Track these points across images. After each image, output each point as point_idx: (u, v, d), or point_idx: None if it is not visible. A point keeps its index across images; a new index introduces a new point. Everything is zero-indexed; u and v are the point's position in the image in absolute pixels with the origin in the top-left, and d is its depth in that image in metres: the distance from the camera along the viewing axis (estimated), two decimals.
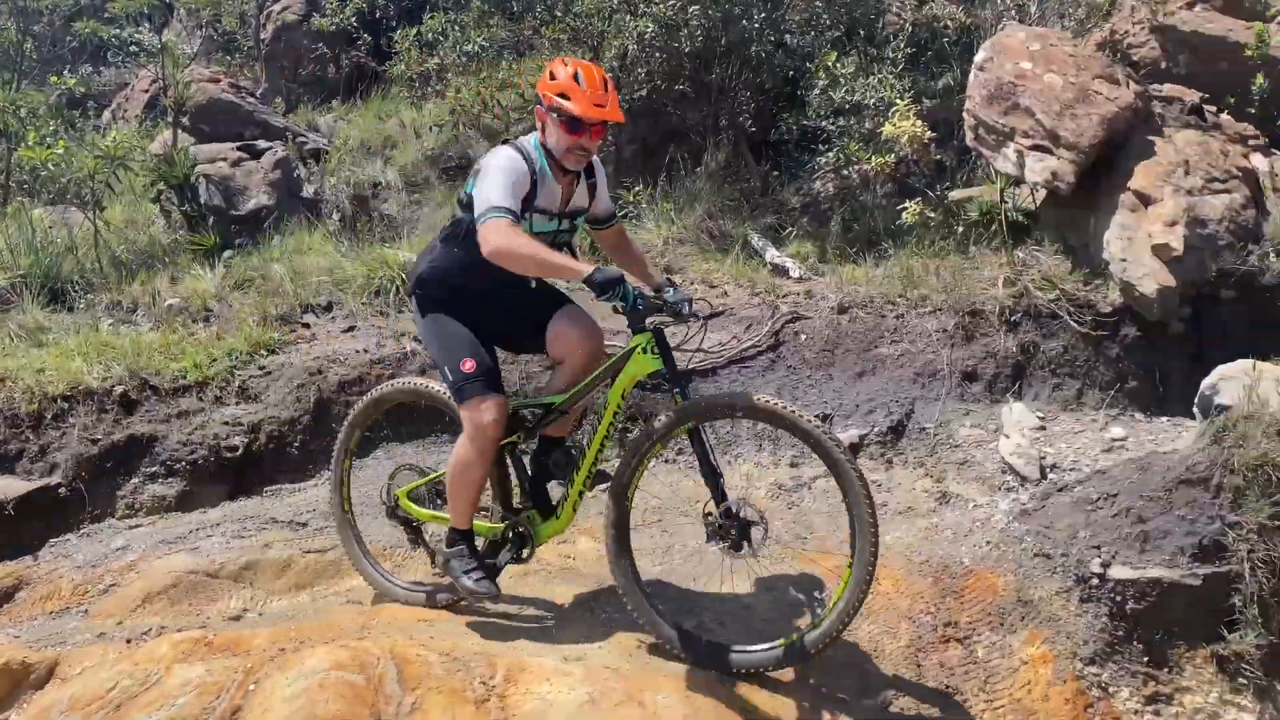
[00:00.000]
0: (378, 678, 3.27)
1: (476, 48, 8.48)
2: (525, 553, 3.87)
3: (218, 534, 4.60)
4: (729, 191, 7.24)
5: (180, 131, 8.66)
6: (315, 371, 5.31)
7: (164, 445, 5.12)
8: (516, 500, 3.90)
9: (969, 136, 6.13)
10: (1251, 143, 5.82)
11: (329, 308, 5.97)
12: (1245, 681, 3.65)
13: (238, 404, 5.25)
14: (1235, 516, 3.74)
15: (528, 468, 3.90)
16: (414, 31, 9.24)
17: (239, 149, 8.26)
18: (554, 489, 3.90)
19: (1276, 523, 3.63)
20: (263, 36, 11.50)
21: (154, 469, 5.07)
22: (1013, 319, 5.49)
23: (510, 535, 3.87)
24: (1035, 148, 5.63)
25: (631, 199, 7.29)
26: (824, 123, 7.18)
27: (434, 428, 5.25)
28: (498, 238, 3.31)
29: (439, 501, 4.00)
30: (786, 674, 3.53)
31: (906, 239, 6.34)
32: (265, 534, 4.57)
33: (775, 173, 7.57)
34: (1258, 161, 5.69)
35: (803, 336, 5.69)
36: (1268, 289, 5.20)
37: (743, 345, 5.64)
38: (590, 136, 3.51)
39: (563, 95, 3.44)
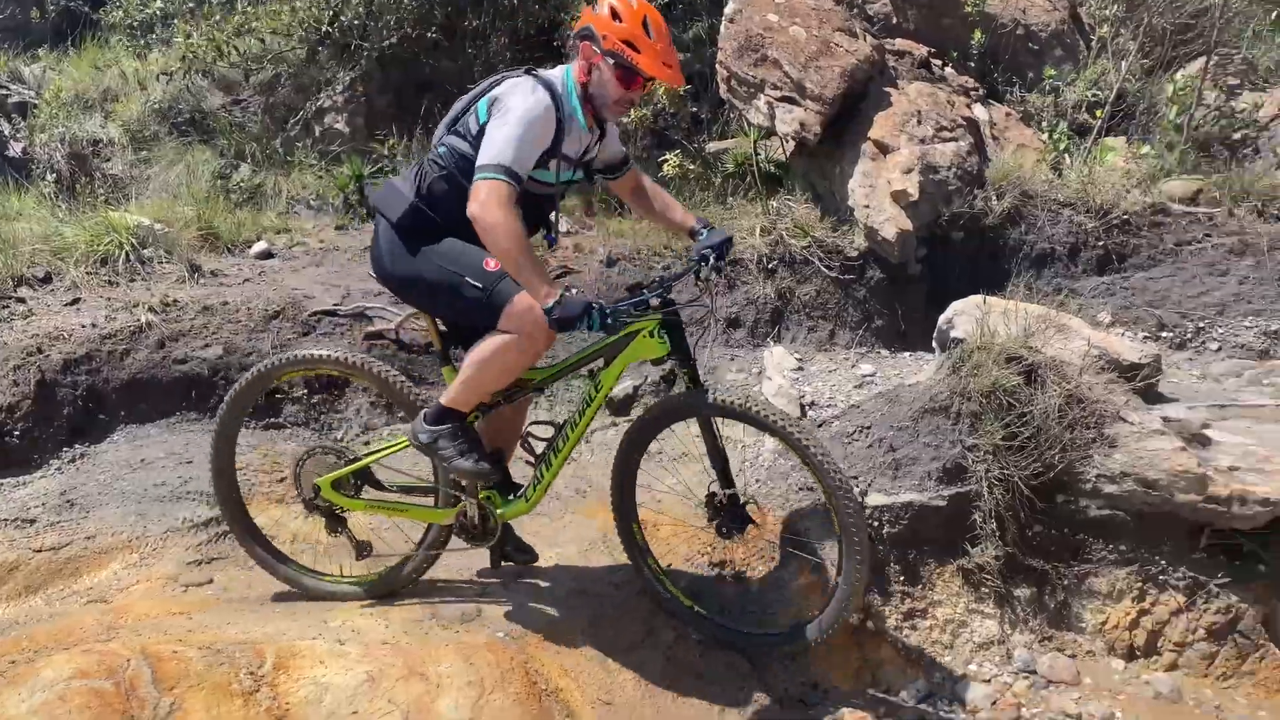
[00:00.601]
0: (129, 681, 2.99)
1: None
2: (491, 539, 3.61)
3: None
4: None
5: None
6: (34, 351, 4.75)
7: None
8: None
9: (722, 89, 6.26)
10: (973, 94, 6.29)
11: (47, 279, 5.34)
12: (987, 591, 3.99)
13: None
14: (973, 440, 4.05)
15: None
16: None
17: None
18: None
19: (1008, 444, 3.96)
20: None
21: None
22: (770, 266, 5.69)
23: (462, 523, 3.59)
24: (784, 99, 5.83)
25: (386, 152, 6.98)
26: None
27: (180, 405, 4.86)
28: (492, 210, 2.95)
29: (369, 489, 3.66)
30: (569, 631, 3.54)
31: (673, 191, 6.42)
32: None
33: None
34: (979, 111, 6.15)
35: (574, 290, 5.66)
36: (991, 229, 5.65)
37: None
38: (642, 90, 3.23)
39: (629, 43, 3.08)
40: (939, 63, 6.39)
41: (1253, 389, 4.69)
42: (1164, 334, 5.33)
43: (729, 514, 3.52)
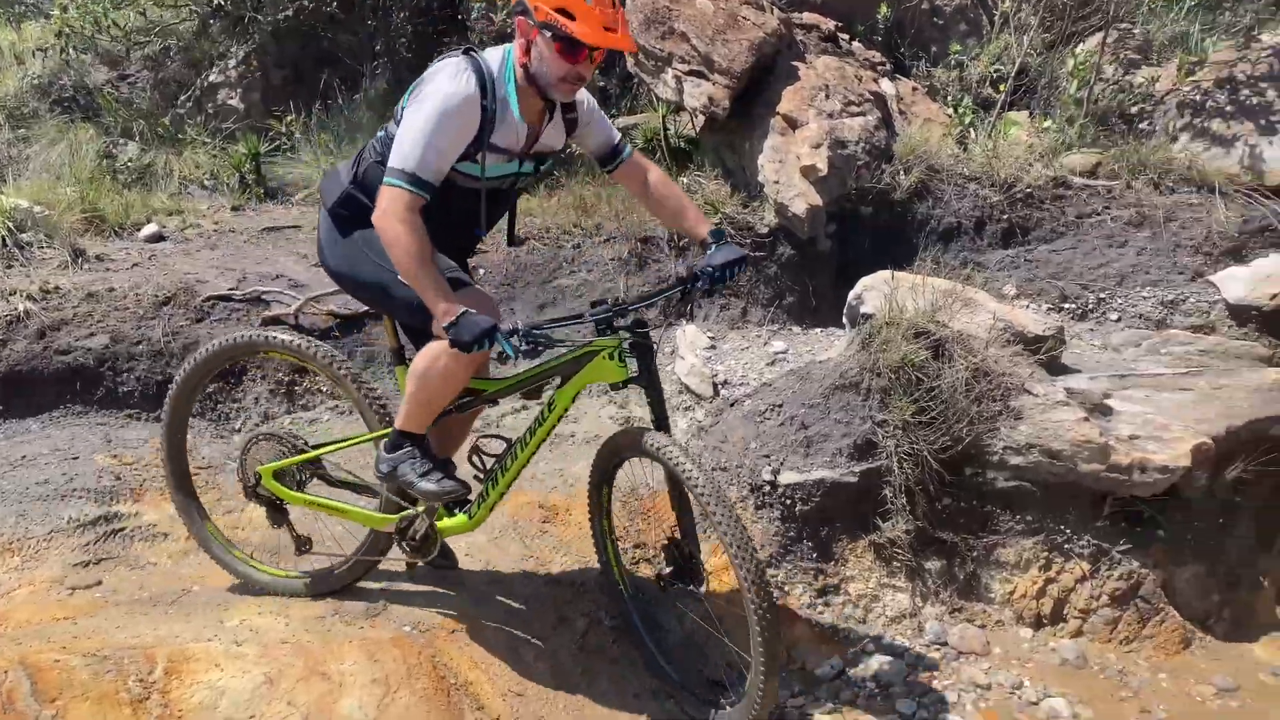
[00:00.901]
0: (6, 694, 2.82)
1: None
2: (430, 554, 3.38)
3: None
4: None
5: None
6: None
7: None
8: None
9: (629, 62, 6.17)
10: (880, 68, 6.29)
11: None
12: (899, 565, 4.02)
13: None
14: (883, 415, 4.06)
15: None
16: None
17: None
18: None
19: (917, 418, 3.98)
20: None
21: None
22: (682, 244, 5.63)
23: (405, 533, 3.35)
24: (692, 73, 5.75)
25: (284, 130, 6.71)
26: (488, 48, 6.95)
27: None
28: (391, 222, 2.78)
29: (315, 480, 3.45)
30: (479, 622, 3.45)
31: (578, 168, 6.31)
32: None
33: None
34: (885, 86, 6.16)
35: (481, 270, 5.53)
36: (899, 204, 5.67)
37: None
38: (590, 63, 2.87)
39: (563, 11, 2.75)
40: (846, 37, 6.38)
41: (1151, 358, 4.81)
42: (1066, 305, 5.43)
43: (683, 568, 3.28)
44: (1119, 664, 3.91)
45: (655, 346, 3.12)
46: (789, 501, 4.01)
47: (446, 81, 2.86)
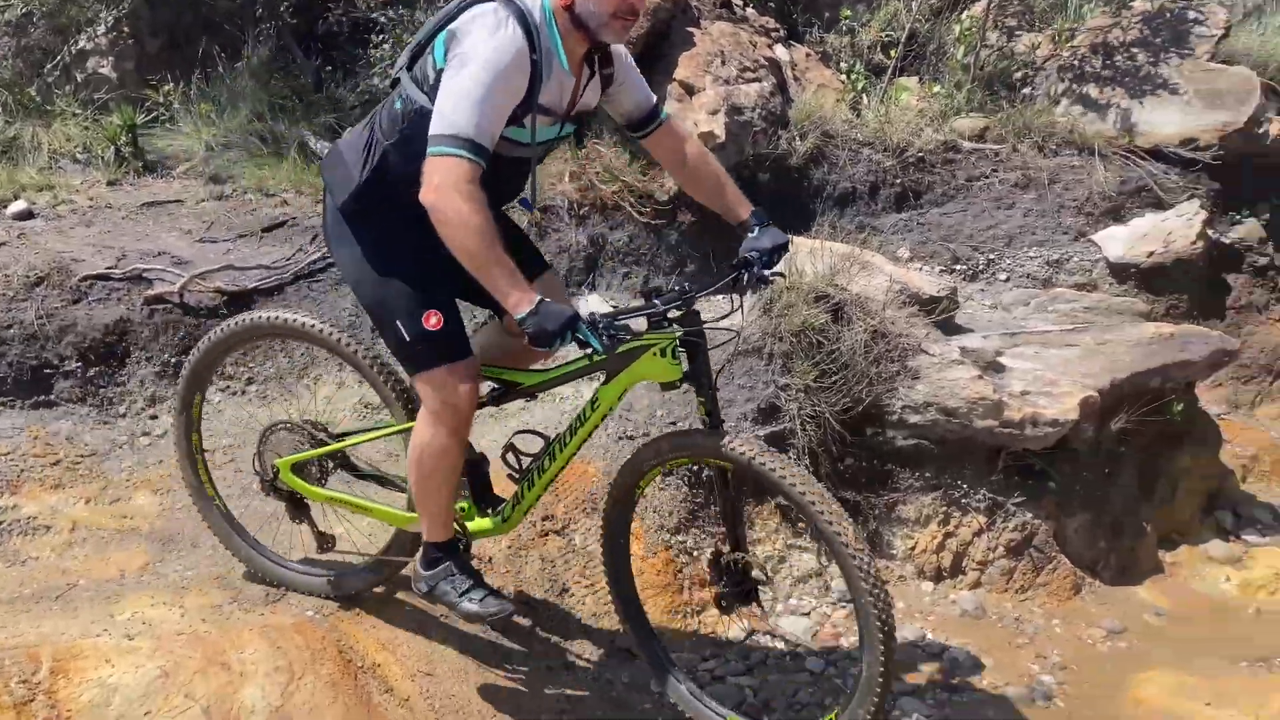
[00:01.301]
0: None
1: None
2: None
3: None
4: (278, 89, 6.57)
5: None
6: None
7: None
8: None
9: None
10: (774, 34, 6.31)
11: None
12: (804, 526, 4.08)
13: None
14: (785, 379, 4.11)
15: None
16: None
17: None
18: None
19: (819, 382, 4.03)
20: None
21: None
22: (581, 213, 5.58)
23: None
24: None
25: (161, 99, 6.39)
26: (375, 14, 6.73)
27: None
28: (450, 198, 2.39)
29: (340, 473, 3.24)
30: (386, 602, 3.38)
31: None
32: None
33: (329, 68, 7.01)
34: (780, 52, 6.19)
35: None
36: (796, 170, 5.72)
37: (310, 258, 5.19)
38: None
39: None
40: (740, 2, 6.38)
41: (1039, 316, 4.98)
42: (958, 267, 5.57)
43: (734, 582, 3.04)
44: (1015, 612, 4.06)
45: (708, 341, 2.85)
46: (696, 467, 4.03)
47: (489, 34, 2.49)
